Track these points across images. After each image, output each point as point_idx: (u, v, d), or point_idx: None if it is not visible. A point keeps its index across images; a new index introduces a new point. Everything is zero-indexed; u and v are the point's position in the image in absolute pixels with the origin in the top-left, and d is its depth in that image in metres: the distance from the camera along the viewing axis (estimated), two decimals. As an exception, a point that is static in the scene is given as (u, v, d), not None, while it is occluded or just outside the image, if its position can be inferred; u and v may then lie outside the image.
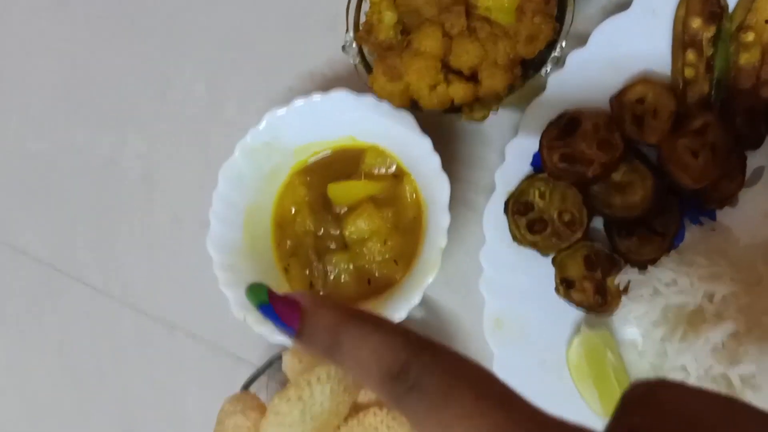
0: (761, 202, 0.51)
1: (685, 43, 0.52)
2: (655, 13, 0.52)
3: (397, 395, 0.21)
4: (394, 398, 0.21)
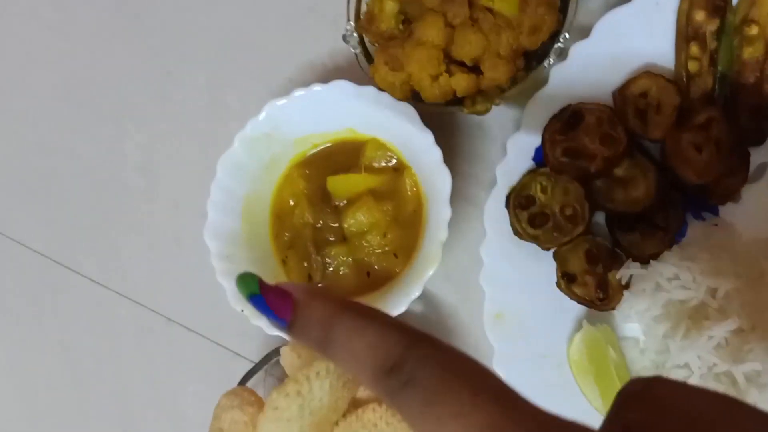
0: (764, 198, 0.51)
1: (688, 36, 0.51)
2: (658, 5, 0.52)
3: (391, 390, 0.20)
4: (388, 393, 0.21)
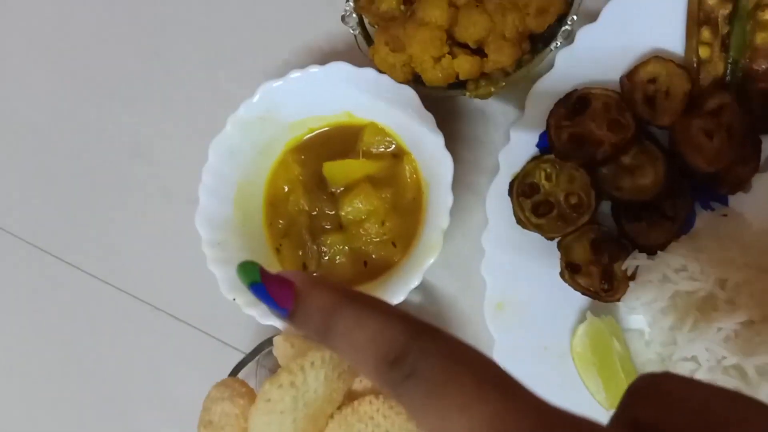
0: (775, 187, 0.49)
1: (700, 20, 0.49)
2: (669, -12, 0.50)
3: (393, 382, 0.20)
4: (390, 385, 0.20)
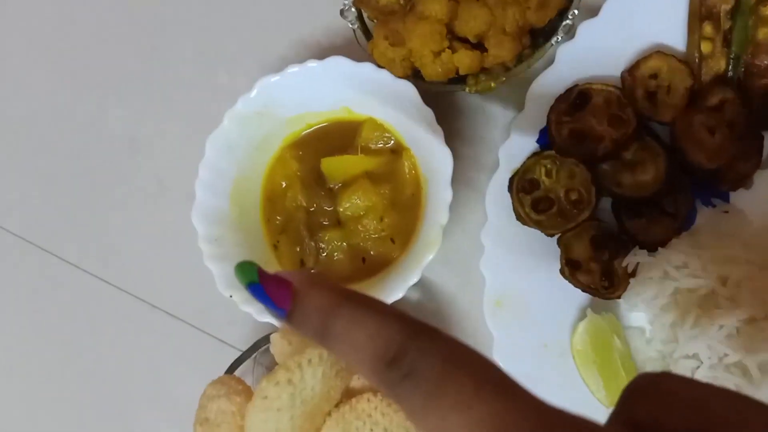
0: (777, 184, 0.49)
1: (702, 15, 0.49)
2: (670, -17, 0.50)
3: (391, 382, 0.20)
4: (388, 385, 0.20)
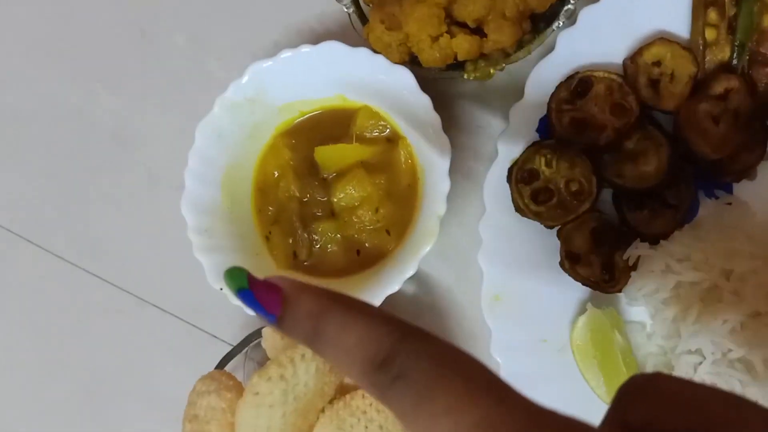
0: (781, 175, 0.48)
1: (706, 1, 0.48)
2: (675, -32, 0.48)
3: (381, 385, 0.20)
4: (378, 389, 0.20)
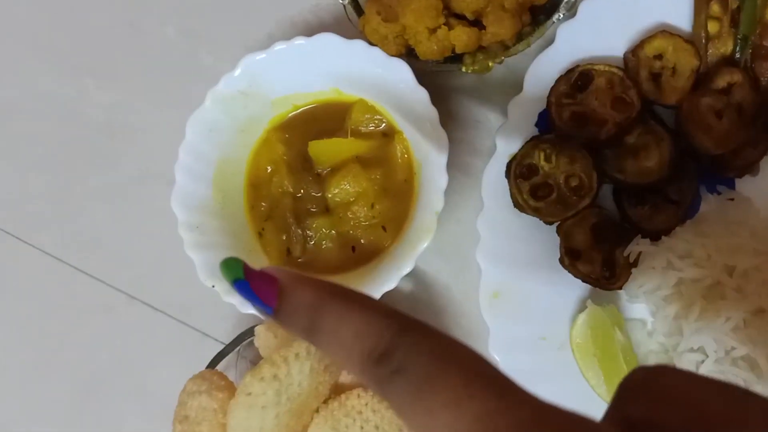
0: (784, 171, 0.47)
1: (709, -7, 0.47)
2: (677, -41, 0.48)
3: (379, 379, 0.20)
4: (377, 382, 0.20)
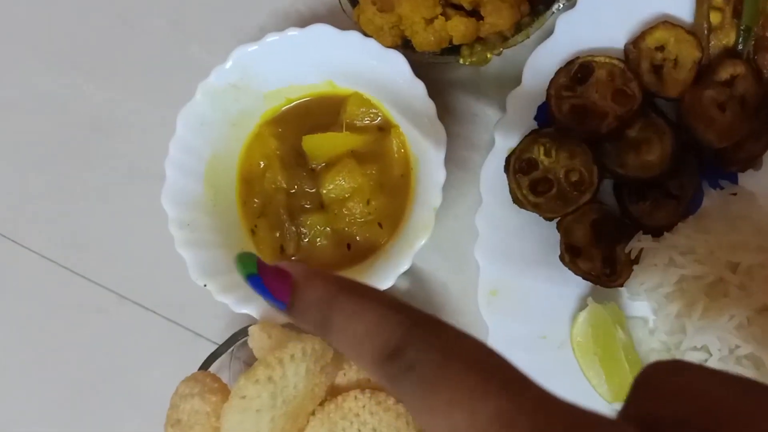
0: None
1: (711, -17, 0.46)
2: (678, -52, 0.47)
3: (392, 376, 0.19)
4: (389, 379, 0.20)
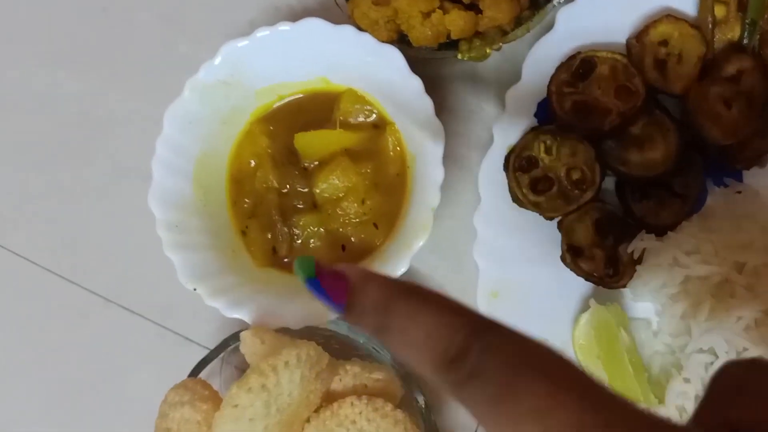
0: (793, 163, 0.46)
1: (715, -24, 0.45)
2: (682, -60, 0.46)
3: (455, 383, 0.19)
4: (452, 386, 0.19)
